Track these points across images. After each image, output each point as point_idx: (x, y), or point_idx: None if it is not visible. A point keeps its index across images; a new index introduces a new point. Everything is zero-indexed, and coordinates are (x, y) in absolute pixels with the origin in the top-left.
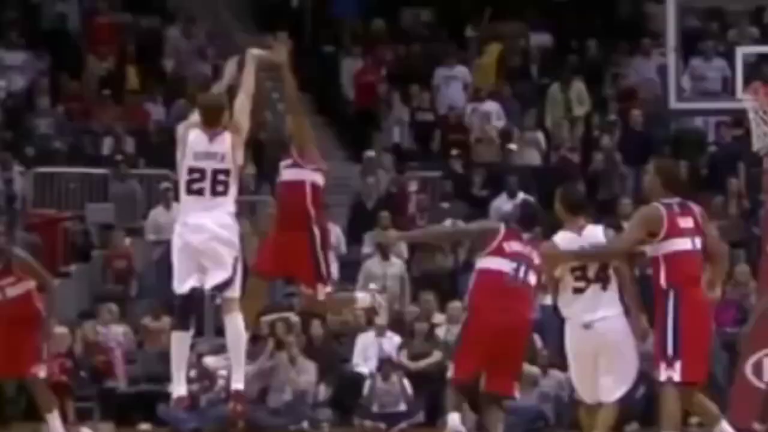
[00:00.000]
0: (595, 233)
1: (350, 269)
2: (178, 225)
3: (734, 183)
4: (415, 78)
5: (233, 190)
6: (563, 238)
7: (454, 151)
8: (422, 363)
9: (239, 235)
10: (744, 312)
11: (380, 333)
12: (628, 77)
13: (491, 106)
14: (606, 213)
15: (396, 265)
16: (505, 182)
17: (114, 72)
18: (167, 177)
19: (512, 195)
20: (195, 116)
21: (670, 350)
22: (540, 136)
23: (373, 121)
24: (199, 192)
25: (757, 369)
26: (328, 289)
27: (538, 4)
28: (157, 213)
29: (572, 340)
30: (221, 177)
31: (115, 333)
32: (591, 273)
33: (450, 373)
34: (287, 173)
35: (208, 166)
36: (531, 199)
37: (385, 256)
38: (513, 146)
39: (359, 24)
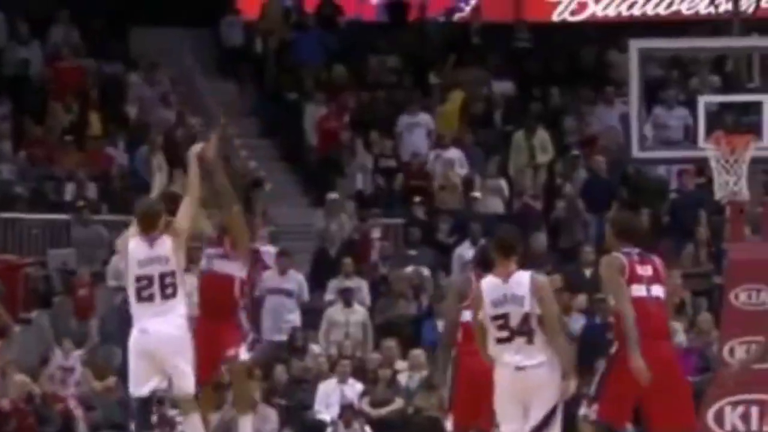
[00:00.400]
0: (520, 280)
1: (313, 316)
2: (135, 331)
3: (702, 231)
4: (378, 124)
5: (181, 291)
6: (488, 284)
7: (417, 198)
8: (384, 410)
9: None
10: (706, 360)
11: (342, 380)
12: (591, 125)
13: (454, 153)
14: (568, 260)
15: (359, 312)
16: (468, 230)
17: (77, 117)
18: (130, 223)
19: (475, 242)
20: (132, 228)
21: (593, 390)
22: (503, 183)
23: (336, 167)
24: (150, 298)
25: (719, 417)
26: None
27: (500, 51)
28: (119, 259)
29: (503, 382)
30: (168, 280)
31: (74, 379)
32: (513, 323)
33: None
34: (218, 264)
35: (154, 270)
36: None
37: (347, 304)
38: (477, 194)
39: (323, 70)
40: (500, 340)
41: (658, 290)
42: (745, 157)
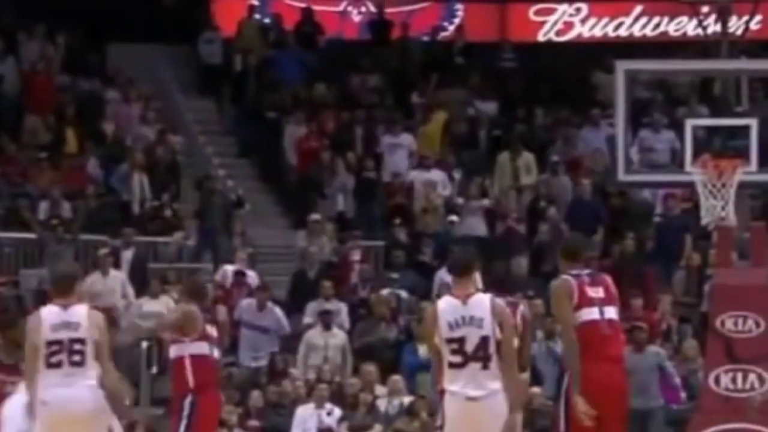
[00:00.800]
0: (480, 302)
1: (291, 340)
2: (39, 404)
3: (695, 257)
4: (359, 145)
5: (91, 361)
6: (446, 304)
7: (397, 220)
8: None
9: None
10: (691, 388)
11: (320, 404)
12: (576, 147)
13: (436, 175)
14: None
15: (338, 336)
16: (450, 253)
17: (53, 134)
18: (105, 243)
19: None
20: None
21: (562, 426)
22: (486, 205)
23: (316, 188)
24: (58, 365)
25: None
26: None
27: (484, 71)
28: (94, 280)
29: (452, 413)
30: (77, 346)
31: None
32: (469, 347)
33: None
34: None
35: (66, 335)
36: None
37: (326, 327)
38: (454, 218)
39: (303, 89)
40: (453, 365)
41: (611, 312)
42: (732, 181)
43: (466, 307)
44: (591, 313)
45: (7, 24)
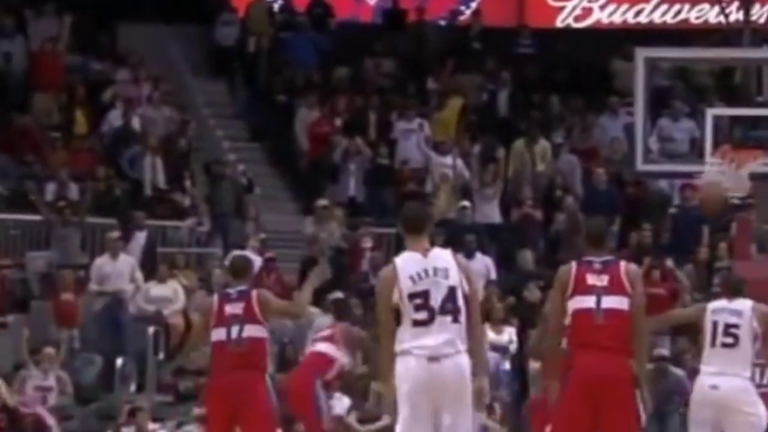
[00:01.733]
0: (441, 254)
1: (302, 329)
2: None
3: (704, 251)
4: (372, 130)
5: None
6: (404, 259)
7: None
8: (372, 426)
9: None
10: None
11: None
12: (594, 135)
13: (451, 161)
14: None
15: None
16: (463, 240)
17: (61, 115)
18: (113, 226)
19: (470, 254)
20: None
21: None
22: (500, 191)
23: (328, 173)
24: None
25: None
26: None
27: (501, 57)
28: (102, 262)
29: (412, 375)
30: None
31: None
32: (434, 301)
33: None
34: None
35: None
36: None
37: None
38: (467, 204)
39: (316, 72)
40: (417, 323)
41: (612, 301)
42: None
43: (427, 260)
44: (584, 302)
45: (15, 2)
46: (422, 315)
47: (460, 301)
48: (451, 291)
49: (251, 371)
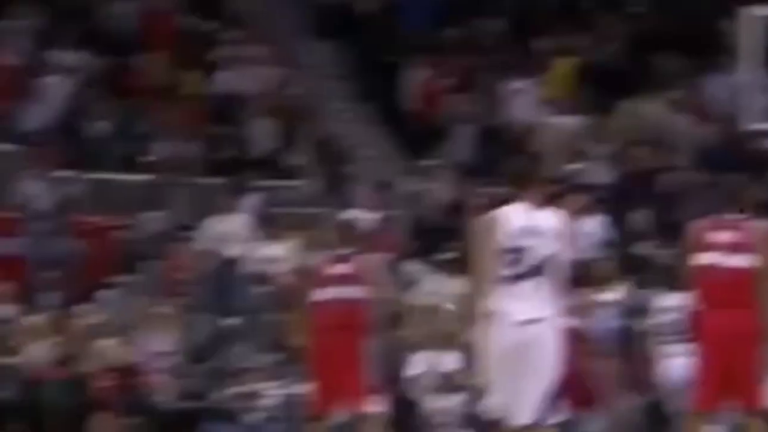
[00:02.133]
0: (546, 215)
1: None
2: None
3: None
4: (482, 90)
5: None
6: (511, 211)
7: None
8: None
9: None
10: None
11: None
12: (704, 94)
13: (561, 120)
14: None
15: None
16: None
17: (172, 75)
18: (224, 186)
19: (583, 214)
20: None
21: None
22: (612, 150)
23: (438, 133)
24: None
25: None
26: None
27: (612, 16)
28: (214, 223)
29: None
30: None
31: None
32: (530, 260)
33: None
34: None
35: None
36: None
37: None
38: (579, 165)
39: (426, 32)
40: (509, 279)
41: (737, 259)
42: None
43: (531, 216)
44: (707, 258)
45: None
46: (515, 271)
47: (556, 264)
48: (550, 252)
49: (350, 332)
